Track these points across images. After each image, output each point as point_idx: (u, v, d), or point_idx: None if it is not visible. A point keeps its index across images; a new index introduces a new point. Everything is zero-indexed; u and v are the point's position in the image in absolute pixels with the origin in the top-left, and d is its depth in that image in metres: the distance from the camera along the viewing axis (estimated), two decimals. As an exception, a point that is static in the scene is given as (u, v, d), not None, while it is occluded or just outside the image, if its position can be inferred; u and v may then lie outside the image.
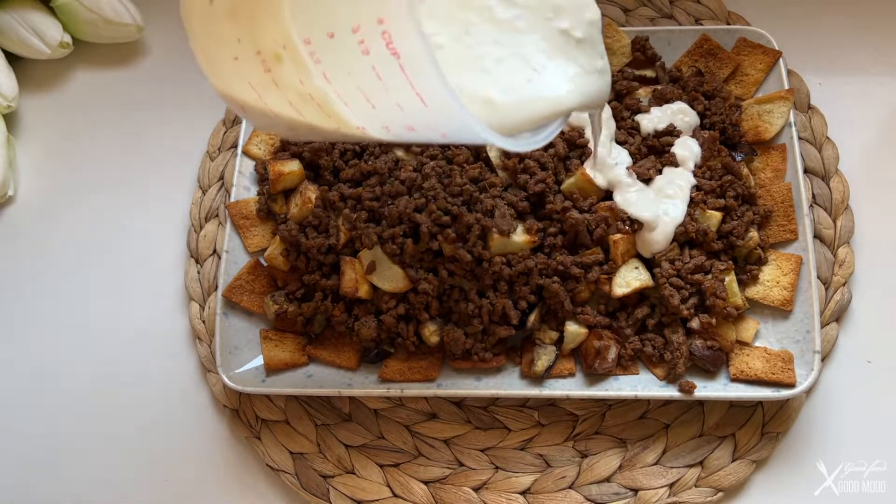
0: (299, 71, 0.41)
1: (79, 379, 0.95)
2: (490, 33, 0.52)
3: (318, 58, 0.40)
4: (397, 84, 0.38)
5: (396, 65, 0.37)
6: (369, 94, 0.40)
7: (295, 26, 0.39)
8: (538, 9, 0.55)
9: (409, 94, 0.38)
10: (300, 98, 0.42)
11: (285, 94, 0.43)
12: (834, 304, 0.88)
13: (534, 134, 0.53)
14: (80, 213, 1.05)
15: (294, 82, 0.42)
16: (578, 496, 0.83)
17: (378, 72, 0.38)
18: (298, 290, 0.88)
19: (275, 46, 0.41)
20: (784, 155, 0.89)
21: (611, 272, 0.81)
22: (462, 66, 0.51)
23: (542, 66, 0.54)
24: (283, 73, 0.42)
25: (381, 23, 0.36)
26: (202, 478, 0.89)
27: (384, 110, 0.41)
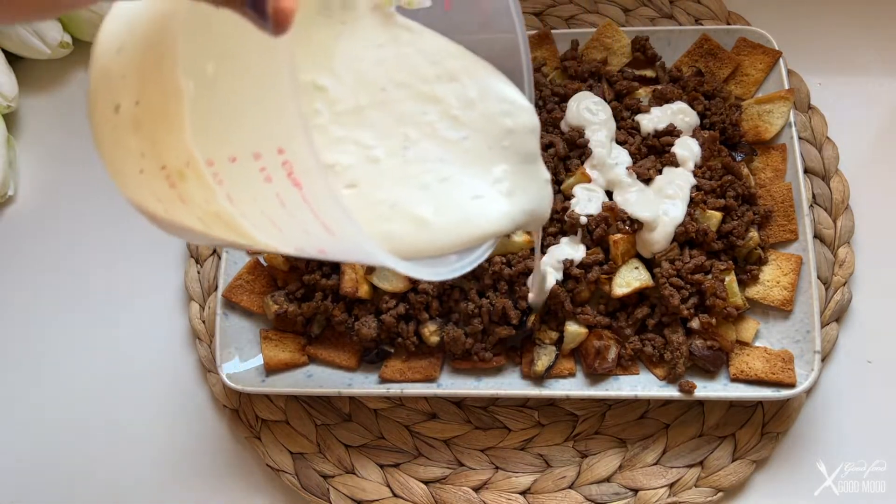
0: (203, 190, 0.40)
1: (78, 378, 0.95)
2: (433, 151, 0.51)
3: (221, 179, 0.39)
4: (301, 213, 0.37)
5: (299, 195, 0.37)
6: (275, 218, 0.39)
7: (197, 146, 0.38)
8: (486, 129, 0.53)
9: (314, 223, 0.38)
10: (207, 215, 0.41)
11: (192, 211, 0.42)
12: (834, 304, 0.88)
13: (460, 258, 0.51)
14: (80, 213, 1.05)
15: (200, 200, 0.40)
16: (578, 496, 0.83)
17: (282, 199, 0.38)
18: (298, 290, 0.88)
19: (178, 164, 0.40)
20: (784, 155, 0.89)
21: (611, 272, 0.81)
22: (398, 181, 0.49)
23: (483, 185, 0.52)
24: (188, 191, 0.41)
25: (281, 153, 0.36)
26: (202, 478, 0.89)
27: (291, 235, 0.40)
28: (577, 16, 1.08)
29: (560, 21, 1.08)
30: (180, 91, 0.38)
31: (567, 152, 0.87)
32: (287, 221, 0.39)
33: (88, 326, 0.97)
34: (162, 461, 0.90)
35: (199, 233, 0.44)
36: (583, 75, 0.94)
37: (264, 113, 0.36)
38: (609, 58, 0.96)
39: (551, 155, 0.86)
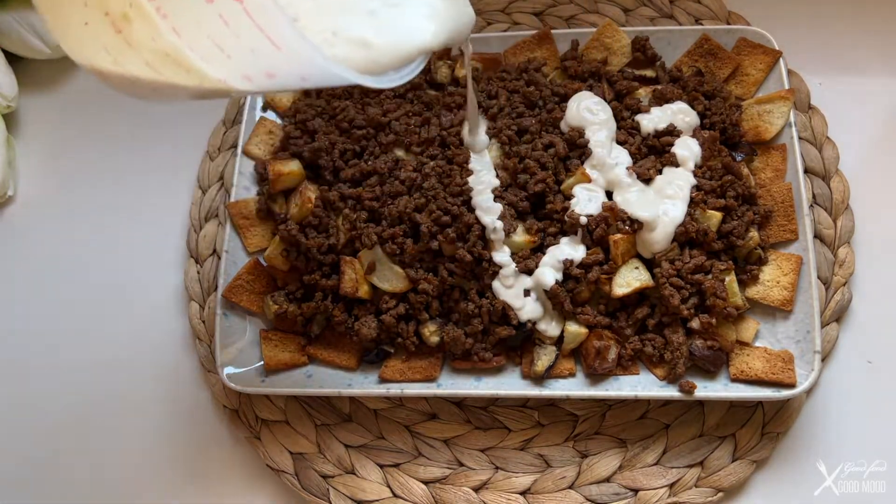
0: (149, 28, 0.41)
1: (79, 378, 0.95)
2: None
3: (165, 12, 0.40)
4: (246, 29, 0.38)
5: (241, 9, 0.38)
6: (221, 42, 0.40)
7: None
8: None
9: (259, 38, 0.39)
10: (156, 56, 0.42)
11: (141, 55, 0.42)
12: (834, 304, 0.87)
13: (397, 71, 0.54)
14: (79, 213, 1.05)
15: (147, 41, 0.41)
16: (578, 496, 0.83)
17: (225, 19, 0.39)
18: (298, 290, 0.88)
19: (121, 6, 0.41)
20: (784, 155, 0.88)
21: (611, 272, 0.81)
22: (338, 10, 0.51)
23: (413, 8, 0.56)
24: (134, 33, 0.41)
25: None
26: (202, 478, 0.89)
27: (239, 58, 0.41)
28: (577, 16, 1.08)
29: (560, 21, 1.08)
30: None
31: (567, 152, 0.87)
32: (233, 43, 0.40)
33: (88, 326, 0.98)
34: (162, 461, 0.90)
35: (149, 81, 0.44)
36: (583, 75, 0.94)
37: None
38: (609, 58, 0.96)
39: (551, 155, 0.86)
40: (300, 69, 0.43)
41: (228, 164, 1.04)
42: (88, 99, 1.13)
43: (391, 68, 0.53)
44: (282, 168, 0.90)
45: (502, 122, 0.89)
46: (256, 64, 0.41)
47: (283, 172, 0.90)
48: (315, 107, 0.96)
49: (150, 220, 1.03)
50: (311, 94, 0.99)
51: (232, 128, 1.07)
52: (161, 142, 1.08)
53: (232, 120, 1.07)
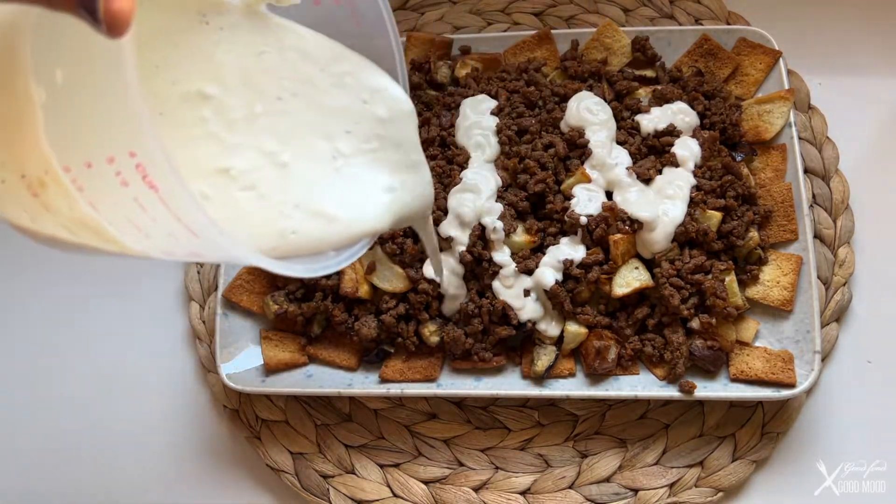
0: (65, 198, 0.39)
1: (79, 379, 0.95)
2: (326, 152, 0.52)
3: (81, 185, 0.39)
4: (162, 216, 0.37)
5: (156, 198, 0.36)
6: (139, 224, 0.39)
7: (53, 153, 0.38)
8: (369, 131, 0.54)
9: (176, 226, 0.37)
10: (74, 223, 0.41)
11: (58, 220, 0.41)
12: (834, 304, 0.88)
13: (338, 254, 0.52)
14: (80, 213, 1.05)
15: (63, 208, 0.40)
16: (578, 496, 0.83)
17: (141, 203, 0.37)
18: (298, 290, 0.88)
19: (38, 171, 0.39)
20: (784, 155, 0.89)
21: (611, 272, 0.81)
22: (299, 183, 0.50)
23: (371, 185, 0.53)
24: (50, 199, 0.40)
25: (132, 156, 0.36)
26: (202, 478, 0.89)
27: (158, 239, 0.40)
28: (577, 16, 1.08)
29: (560, 21, 1.08)
30: (32, 99, 0.37)
31: (567, 152, 0.87)
32: (151, 226, 0.39)
33: (88, 327, 0.97)
34: (162, 461, 0.90)
35: (69, 242, 0.43)
36: (583, 75, 0.94)
37: (114, 116, 0.36)
38: (609, 58, 0.96)
39: (551, 155, 0.86)
40: (221, 255, 0.42)
41: (228, 164, 1.03)
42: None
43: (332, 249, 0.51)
44: (282, 168, 0.90)
45: (502, 121, 0.89)
46: (177, 245, 0.40)
47: (283, 172, 0.90)
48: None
49: (150, 220, 1.03)
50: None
51: (232, 128, 1.07)
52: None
53: (232, 120, 1.07)
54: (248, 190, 0.48)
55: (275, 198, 0.49)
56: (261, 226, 0.48)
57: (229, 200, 0.47)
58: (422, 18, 1.10)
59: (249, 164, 0.49)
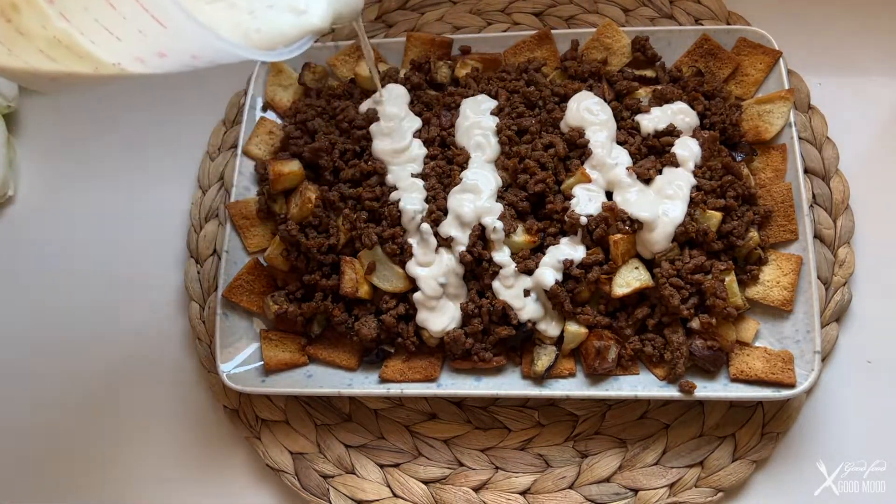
0: (37, 15, 0.41)
1: (79, 378, 0.95)
2: None
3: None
4: (131, 10, 0.39)
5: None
6: (109, 25, 0.41)
7: None
8: None
9: (145, 18, 0.39)
10: (49, 44, 0.42)
11: (34, 43, 0.43)
12: (834, 304, 0.87)
13: (287, 46, 0.55)
14: (79, 213, 1.05)
15: (37, 28, 0.41)
16: (578, 496, 0.83)
17: (110, 1, 0.39)
18: (298, 290, 0.88)
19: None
20: (784, 155, 0.88)
21: (611, 272, 0.81)
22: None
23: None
24: (23, 21, 0.42)
25: None
26: (202, 478, 0.89)
27: (129, 40, 0.41)
28: (577, 16, 1.08)
29: (560, 21, 1.08)
30: None
31: (567, 152, 0.87)
32: (122, 25, 0.40)
33: (88, 326, 0.97)
34: (162, 461, 0.90)
35: (47, 71, 0.44)
36: (583, 75, 0.94)
37: None
38: (609, 58, 0.96)
39: (551, 155, 0.86)
40: (189, 46, 0.43)
41: (228, 164, 1.04)
42: (88, 99, 1.13)
43: (281, 44, 0.54)
44: (282, 168, 0.90)
45: (502, 121, 0.89)
46: (147, 45, 0.42)
47: (283, 172, 0.90)
48: (315, 107, 0.96)
49: (150, 220, 1.03)
50: (311, 95, 0.99)
51: (232, 128, 1.07)
52: (161, 142, 1.08)
53: (232, 120, 1.07)
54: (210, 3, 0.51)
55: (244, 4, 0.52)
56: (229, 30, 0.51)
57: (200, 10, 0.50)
58: (422, 18, 1.10)
59: None
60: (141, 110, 1.11)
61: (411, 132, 0.90)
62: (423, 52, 0.99)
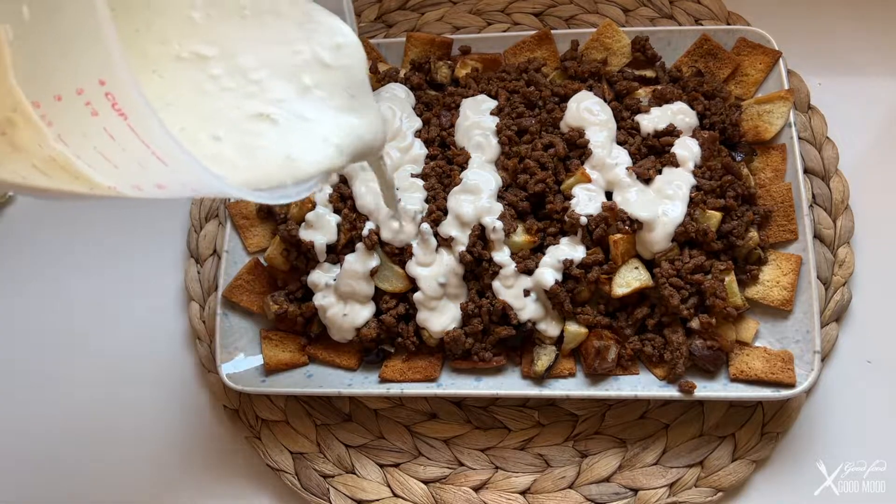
0: (34, 134, 0.40)
1: (79, 379, 0.95)
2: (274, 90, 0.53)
3: (50, 120, 0.39)
4: (131, 144, 0.38)
5: (125, 125, 0.37)
6: (108, 154, 0.40)
7: (22, 89, 0.38)
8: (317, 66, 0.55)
9: (145, 153, 0.38)
10: (44, 162, 0.41)
11: (28, 159, 0.42)
12: (834, 304, 0.88)
13: (296, 184, 0.52)
14: (80, 214, 1.05)
15: (33, 146, 0.40)
16: (578, 496, 0.83)
17: (111, 133, 0.38)
18: (298, 290, 0.88)
19: (5, 110, 0.40)
20: (784, 155, 0.88)
21: (611, 272, 0.81)
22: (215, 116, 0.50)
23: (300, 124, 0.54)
24: (19, 137, 0.40)
25: (102, 84, 0.36)
26: (202, 478, 0.89)
27: (127, 169, 0.40)
28: (577, 16, 1.08)
29: (560, 21, 1.08)
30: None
31: (567, 152, 0.87)
32: (120, 156, 0.39)
33: (88, 326, 0.98)
34: (162, 461, 0.90)
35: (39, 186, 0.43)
36: (583, 75, 0.94)
37: (82, 46, 0.36)
38: (609, 58, 0.96)
39: (551, 155, 0.86)
40: (189, 183, 0.42)
41: (228, 164, 1.03)
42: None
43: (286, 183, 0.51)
44: (282, 168, 0.90)
45: (502, 122, 0.89)
46: (145, 176, 0.41)
47: (283, 172, 0.90)
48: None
49: (151, 220, 1.03)
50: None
51: (232, 128, 1.07)
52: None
53: (232, 120, 1.07)
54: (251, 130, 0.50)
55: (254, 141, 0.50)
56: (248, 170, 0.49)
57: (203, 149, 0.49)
58: (422, 18, 1.10)
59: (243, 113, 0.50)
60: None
61: (412, 132, 0.90)
62: (423, 52, 0.99)
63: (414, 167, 0.88)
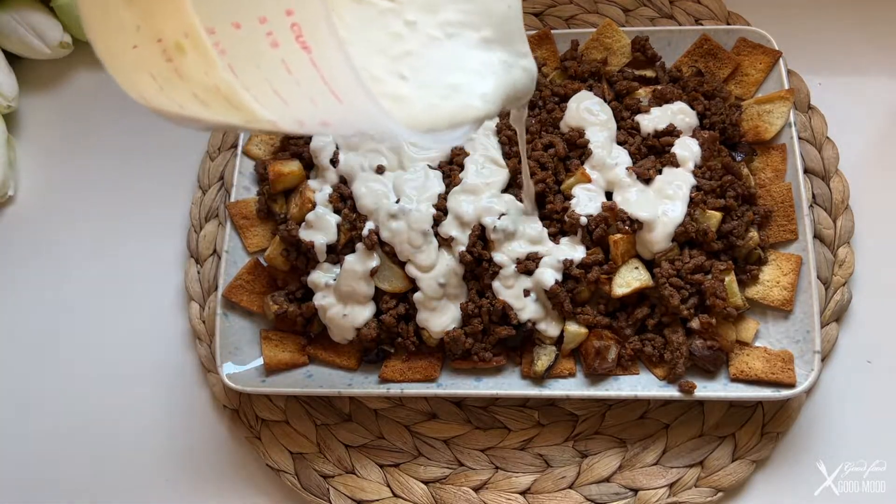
0: (203, 62, 0.38)
1: (79, 379, 0.95)
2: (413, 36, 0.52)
3: (224, 48, 0.38)
4: (309, 79, 0.36)
5: (307, 59, 0.36)
6: (279, 88, 0.38)
7: (198, 14, 0.37)
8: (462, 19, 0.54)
9: (321, 90, 0.37)
10: (206, 90, 0.40)
11: (189, 86, 0.40)
12: (834, 304, 0.88)
13: (452, 130, 0.51)
14: (79, 213, 1.05)
15: (198, 74, 0.39)
16: (578, 496, 0.83)
17: (288, 66, 0.37)
18: (298, 290, 0.88)
19: (176, 35, 0.38)
20: (784, 155, 0.89)
21: (611, 272, 0.81)
22: (377, 56, 0.49)
23: (461, 66, 0.53)
24: (186, 64, 0.39)
25: (289, 14, 0.35)
26: (202, 478, 0.89)
27: (296, 105, 0.39)
28: (577, 16, 1.08)
29: (560, 21, 1.08)
30: None
31: (567, 152, 0.87)
32: (292, 90, 0.38)
33: (88, 326, 0.98)
34: (162, 461, 0.90)
35: (193, 114, 0.42)
36: (583, 75, 0.94)
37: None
38: (609, 58, 0.96)
39: (551, 155, 0.86)
40: (358, 122, 0.41)
41: (228, 164, 1.04)
42: (88, 99, 1.13)
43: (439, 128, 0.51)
44: (282, 168, 0.90)
45: (502, 122, 0.89)
46: (313, 112, 0.39)
47: (284, 173, 0.90)
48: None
49: (150, 220, 1.03)
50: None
51: (232, 128, 1.07)
52: (161, 142, 1.08)
53: (232, 120, 1.07)
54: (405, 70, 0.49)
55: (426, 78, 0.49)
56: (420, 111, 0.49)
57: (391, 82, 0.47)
58: (422, 18, 1.09)
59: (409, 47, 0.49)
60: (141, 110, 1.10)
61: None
62: (423, 52, 0.98)
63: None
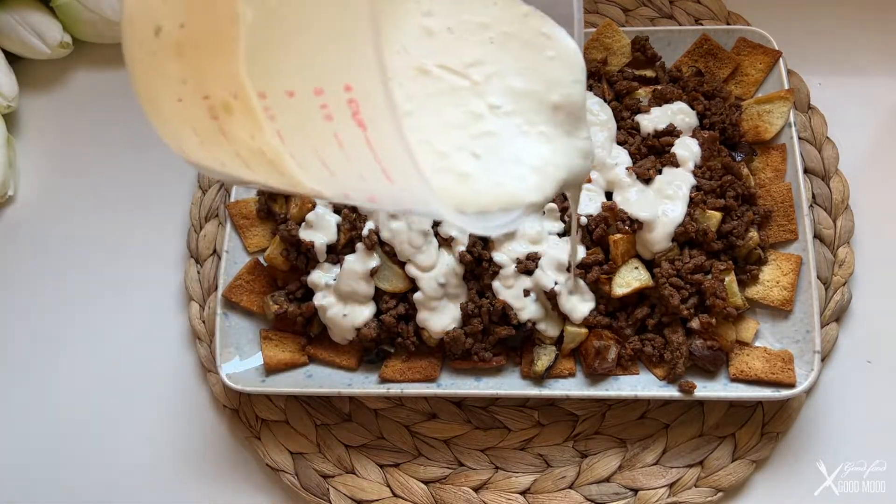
0: (251, 125, 0.37)
1: (79, 379, 0.95)
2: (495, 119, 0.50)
3: (273, 114, 0.36)
4: (361, 156, 0.35)
5: (362, 136, 0.34)
6: (328, 160, 0.37)
7: (250, 76, 0.36)
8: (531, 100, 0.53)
9: (373, 168, 0.35)
10: (250, 152, 0.39)
11: (233, 147, 0.39)
12: (834, 304, 0.88)
13: (506, 214, 0.49)
14: (79, 213, 1.05)
15: (244, 136, 0.38)
16: (578, 496, 0.83)
17: (340, 140, 0.35)
18: (298, 290, 0.88)
19: (225, 95, 0.37)
20: (784, 155, 0.89)
21: (611, 272, 0.81)
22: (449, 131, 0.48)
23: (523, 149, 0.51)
24: (232, 124, 0.38)
25: (348, 90, 0.33)
26: (202, 478, 0.89)
27: (344, 178, 0.38)
28: (577, 16, 1.08)
29: (560, 21, 1.07)
30: (236, 17, 0.35)
31: (567, 152, 0.87)
32: (342, 164, 0.37)
33: (88, 326, 0.98)
34: (162, 461, 0.90)
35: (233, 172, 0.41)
36: (583, 75, 0.94)
37: (333, 46, 0.34)
38: (609, 58, 0.96)
39: (551, 155, 0.86)
40: (407, 202, 0.40)
41: (228, 164, 1.03)
42: (88, 99, 1.13)
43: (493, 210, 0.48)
44: (282, 168, 0.90)
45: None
46: (362, 187, 0.38)
47: (283, 172, 0.90)
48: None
49: (150, 220, 1.03)
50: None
51: (232, 128, 1.07)
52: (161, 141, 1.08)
53: (232, 120, 1.07)
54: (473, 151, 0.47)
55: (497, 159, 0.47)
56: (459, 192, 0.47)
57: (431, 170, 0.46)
58: (422, 18, 1.09)
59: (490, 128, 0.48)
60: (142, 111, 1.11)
61: None
62: (423, 52, 0.99)
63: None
